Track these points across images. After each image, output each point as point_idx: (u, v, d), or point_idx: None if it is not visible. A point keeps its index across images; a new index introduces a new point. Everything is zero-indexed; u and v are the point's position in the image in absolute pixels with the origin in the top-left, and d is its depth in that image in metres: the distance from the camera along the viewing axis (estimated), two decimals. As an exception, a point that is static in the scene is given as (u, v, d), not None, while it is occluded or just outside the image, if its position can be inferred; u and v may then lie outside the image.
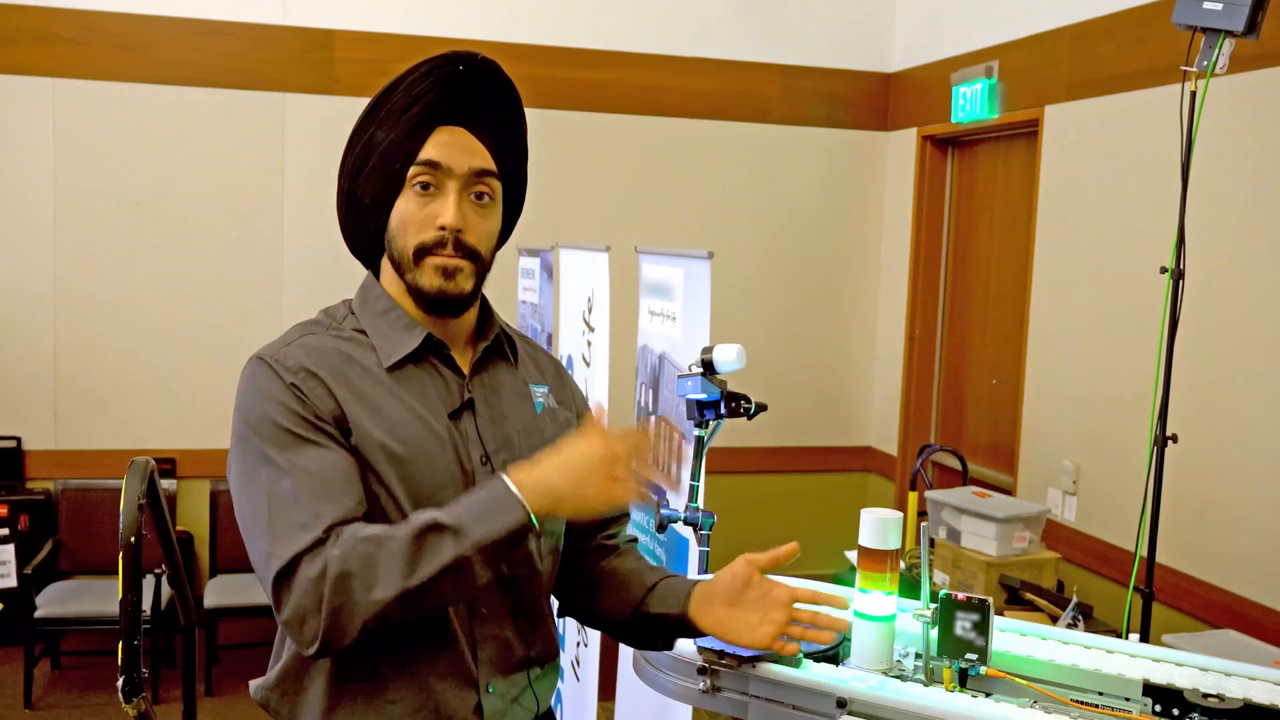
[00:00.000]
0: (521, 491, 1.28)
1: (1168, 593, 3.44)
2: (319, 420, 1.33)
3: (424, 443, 1.38)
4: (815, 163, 5.40)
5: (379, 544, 1.25)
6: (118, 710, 2.31)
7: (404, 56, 5.19)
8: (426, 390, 1.42)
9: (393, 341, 1.42)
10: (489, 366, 1.50)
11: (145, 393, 4.71)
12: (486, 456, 1.43)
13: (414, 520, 1.27)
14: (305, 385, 1.34)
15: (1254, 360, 3.32)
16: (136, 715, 2.24)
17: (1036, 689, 1.65)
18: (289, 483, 1.29)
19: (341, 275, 1.56)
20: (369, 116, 1.42)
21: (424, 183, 1.39)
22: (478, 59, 1.43)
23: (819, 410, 5.50)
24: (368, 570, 1.23)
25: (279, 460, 1.30)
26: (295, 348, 1.38)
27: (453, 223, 1.38)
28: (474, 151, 1.41)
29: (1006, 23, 4.52)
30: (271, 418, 1.32)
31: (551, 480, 1.30)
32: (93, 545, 4.42)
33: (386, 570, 1.23)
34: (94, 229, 4.63)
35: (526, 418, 1.50)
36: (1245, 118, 3.34)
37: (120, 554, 2.21)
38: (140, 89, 4.63)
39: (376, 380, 1.39)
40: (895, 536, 1.70)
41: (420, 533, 1.25)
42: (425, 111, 1.39)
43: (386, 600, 1.23)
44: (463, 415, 1.44)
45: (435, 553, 1.24)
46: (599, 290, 3.29)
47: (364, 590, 1.23)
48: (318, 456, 1.31)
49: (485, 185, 1.42)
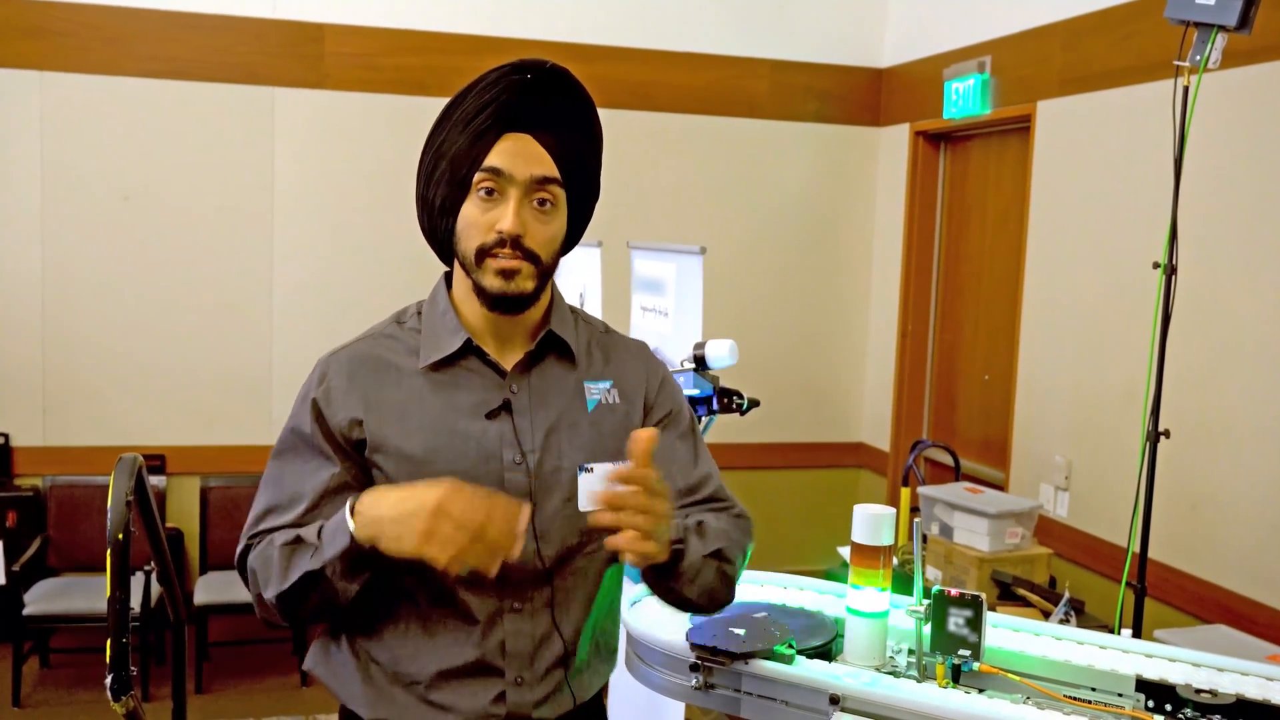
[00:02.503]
0: (354, 518, 1.33)
1: (1159, 588, 3.44)
2: (325, 438, 1.45)
3: (448, 444, 1.44)
4: (808, 158, 5.39)
5: (271, 549, 1.41)
6: (107, 708, 2.29)
7: (393, 50, 5.17)
8: (463, 391, 1.47)
9: (437, 343, 1.49)
10: (540, 365, 1.51)
11: (134, 389, 4.69)
12: (522, 455, 1.45)
13: (288, 535, 1.41)
14: (325, 399, 1.46)
15: (1246, 355, 3.32)
16: (125, 713, 2.23)
17: (1029, 685, 1.64)
18: (268, 488, 1.49)
19: (330, 270, 1.55)
20: (441, 123, 1.47)
21: (488, 188, 1.43)
22: (546, 66, 1.46)
23: (811, 406, 5.49)
24: (264, 572, 1.42)
25: (274, 463, 1.49)
26: (344, 354, 1.51)
27: (511, 229, 1.41)
28: (536, 159, 1.44)
29: (999, 18, 4.51)
30: (291, 424, 1.49)
31: (380, 512, 1.32)
32: (81, 542, 4.40)
33: (270, 574, 1.41)
34: (82, 224, 4.61)
35: (575, 415, 1.50)
36: (1238, 113, 3.34)
37: (108, 551, 2.20)
38: (128, 82, 4.60)
39: (410, 385, 1.47)
40: (888, 532, 1.69)
41: (290, 545, 1.39)
42: (491, 119, 1.43)
43: (271, 599, 1.41)
44: (499, 415, 1.46)
45: (297, 565, 1.38)
46: (591, 285, 3.28)
47: (263, 586, 1.42)
48: (301, 472, 1.46)
49: (547, 192, 1.45)
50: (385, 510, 1.32)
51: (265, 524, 1.45)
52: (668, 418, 1.58)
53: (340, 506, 1.38)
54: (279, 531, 1.43)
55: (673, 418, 1.59)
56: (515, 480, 1.44)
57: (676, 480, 1.54)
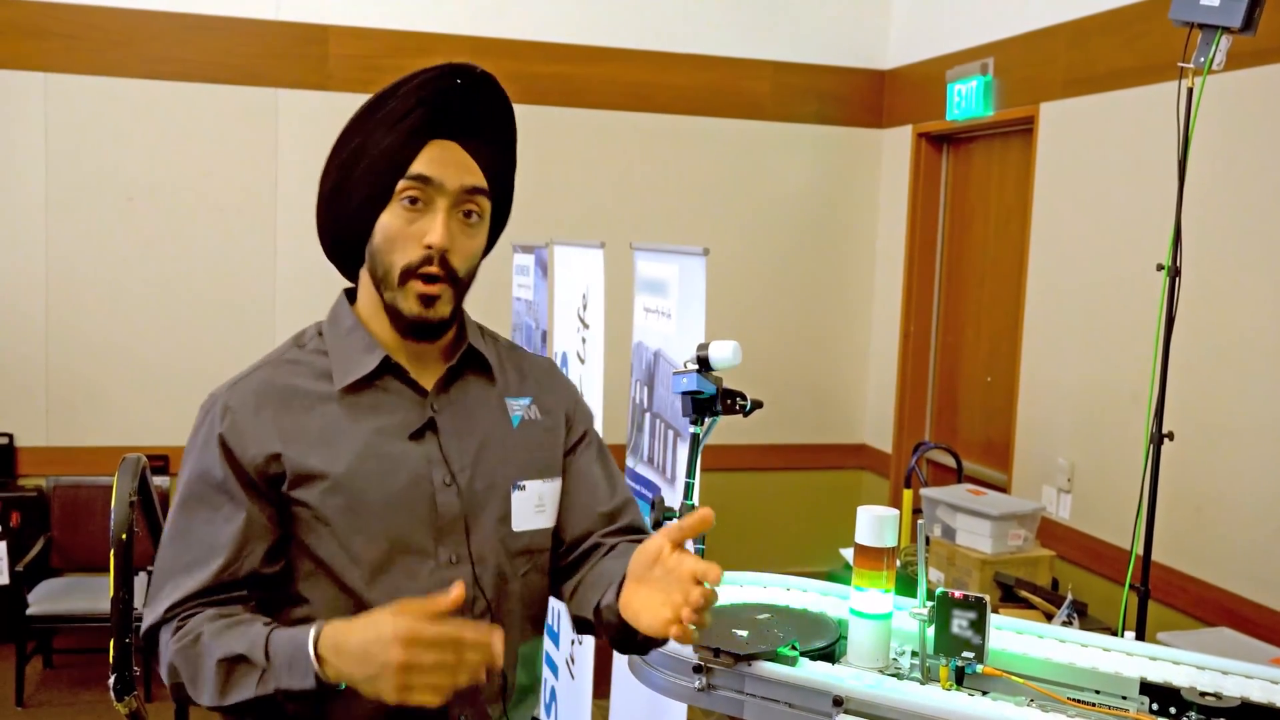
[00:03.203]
0: (320, 662, 1.19)
1: (1162, 590, 3.44)
2: (236, 478, 1.33)
3: (374, 468, 1.35)
4: (811, 160, 5.39)
5: (201, 654, 1.27)
6: (110, 708, 2.30)
7: (397, 52, 5.18)
8: (384, 413, 1.38)
9: (350, 364, 1.39)
10: (459, 383, 1.45)
11: (138, 389, 4.69)
12: (451, 475, 1.39)
13: (234, 641, 1.25)
14: (234, 435, 1.34)
15: (1250, 358, 3.32)
16: (128, 713, 2.23)
17: (1033, 687, 1.64)
18: (175, 543, 1.35)
19: (334, 272, 1.53)
20: (360, 121, 1.38)
21: (412, 197, 1.35)
22: (476, 71, 1.38)
23: (814, 407, 5.49)
24: (191, 672, 1.28)
25: (178, 516, 1.36)
26: (245, 386, 1.38)
27: (440, 243, 1.34)
28: (467, 168, 1.37)
29: (1002, 19, 4.51)
30: (193, 470, 1.36)
31: (346, 667, 1.18)
32: (85, 542, 4.40)
33: (203, 683, 1.27)
34: (86, 224, 4.61)
35: (500, 432, 1.45)
36: (1242, 115, 3.33)
37: (112, 551, 2.20)
38: (132, 84, 4.60)
39: (326, 410, 1.36)
40: (892, 534, 1.69)
41: (229, 661, 1.24)
42: (419, 123, 1.35)
43: (207, 705, 1.28)
44: (424, 435, 1.39)
45: (242, 686, 1.24)
46: (594, 287, 3.28)
47: (191, 688, 1.29)
48: (211, 521, 1.33)
49: (475, 204, 1.38)
50: (349, 663, 1.17)
51: (180, 593, 1.31)
52: (585, 438, 1.55)
53: (258, 555, 1.31)
54: (199, 613, 1.30)
55: (589, 438, 1.56)
56: (446, 501, 1.37)
57: (598, 504, 1.51)
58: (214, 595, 1.32)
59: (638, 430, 3.28)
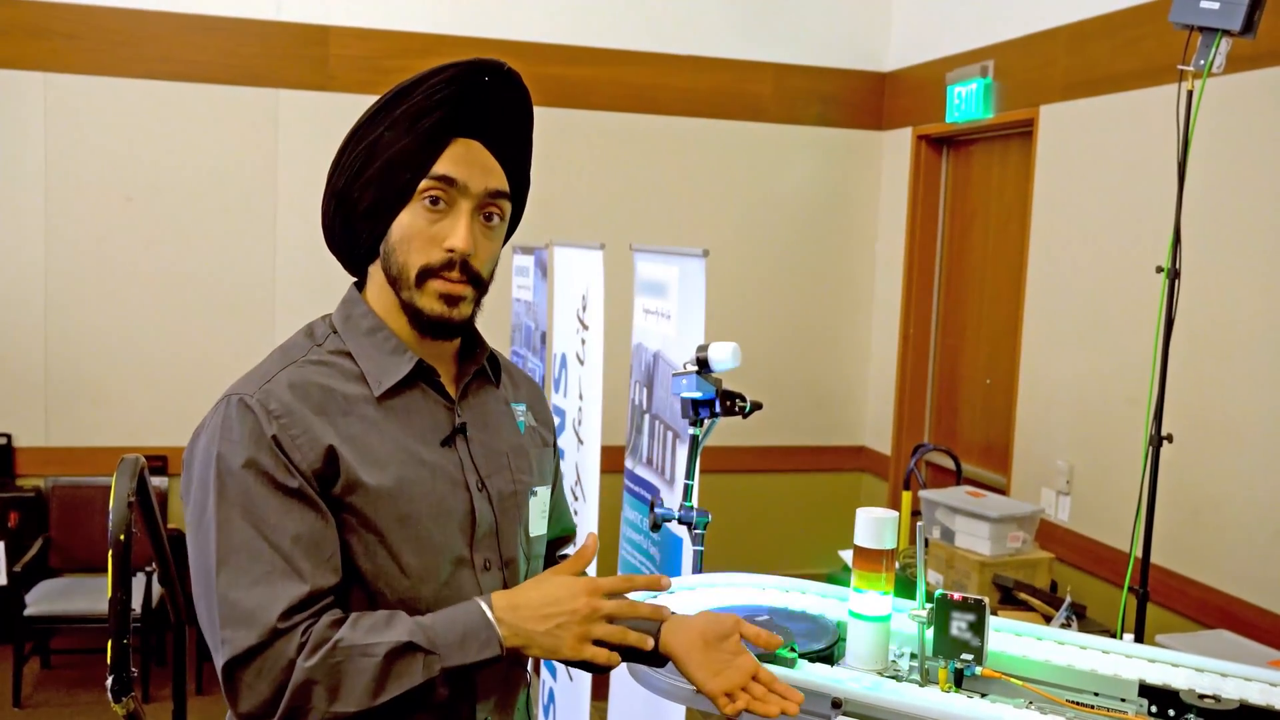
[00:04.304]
0: (500, 626, 1.22)
1: (1161, 593, 3.43)
2: (305, 481, 1.24)
3: (416, 476, 1.31)
4: (810, 162, 5.39)
5: (349, 656, 1.19)
6: (107, 709, 2.29)
7: (398, 53, 5.18)
8: (415, 418, 1.34)
9: (382, 367, 1.33)
10: (475, 388, 1.43)
11: (137, 390, 4.69)
12: (482, 482, 1.37)
13: (390, 633, 1.20)
14: (288, 435, 1.25)
15: (1249, 360, 3.32)
16: (126, 714, 2.23)
17: (1032, 690, 1.64)
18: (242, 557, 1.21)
19: (335, 273, 1.52)
20: (378, 115, 1.32)
21: (434, 197, 1.30)
22: (503, 69, 1.34)
23: (813, 409, 5.49)
24: (334, 681, 1.18)
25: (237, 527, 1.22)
26: (278, 385, 1.28)
27: (464, 247, 1.30)
28: (491, 170, 1.34)
29: (1002, 22, 4.51)
30: (240, 476, 1.23)
31: (526, 624, 1.22)
32: (83, 543, 4.40)
33: (352, 687, 1.18)
34: (86, 225, 4.61)
35: (514, 438, 1.46)
36: (1242, 117, 3.34)
37: (110, 552, 2.20)
38: (133, 84, 4.60)
39: (362, 413, 1.30)
40: (891, 536, 1.69)
41: (394, 653, 1.19)
42: (443, 120, 1.30)
43: (348, 713, 1.19)
44: (454, 441, 1.36)
45: (405, 676, 1.19)
46: (594, 288, 3.27)
47: (327, 700, 1.18)
48: (280, 530, 1.22)
49: (496, 206, 1.35)
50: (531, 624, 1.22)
51: (281, 604, 1.19)
52: (555, 447, 1.59)
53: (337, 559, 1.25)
54: (314, 623, 1.20)
55: (556, 450, 1.59)
56: (482, 509, 1.36)
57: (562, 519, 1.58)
58: (313, 605, 1.22)
59: (637, 431, 3.28)
